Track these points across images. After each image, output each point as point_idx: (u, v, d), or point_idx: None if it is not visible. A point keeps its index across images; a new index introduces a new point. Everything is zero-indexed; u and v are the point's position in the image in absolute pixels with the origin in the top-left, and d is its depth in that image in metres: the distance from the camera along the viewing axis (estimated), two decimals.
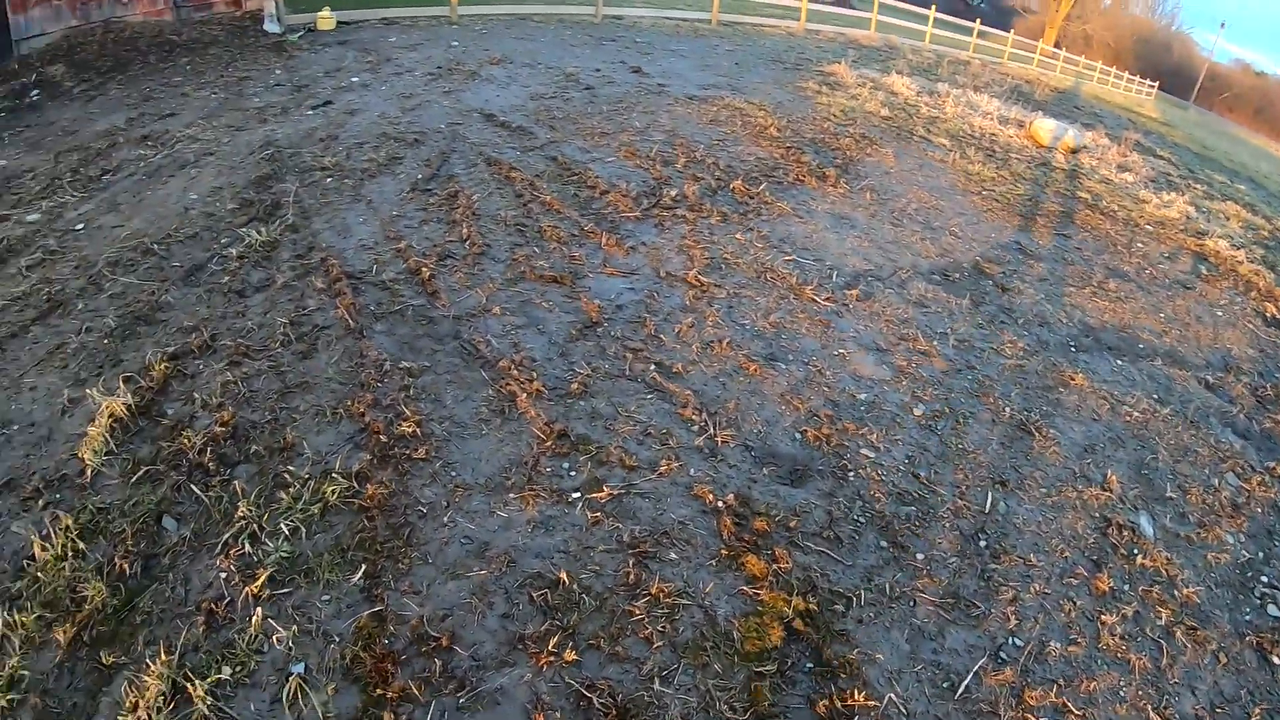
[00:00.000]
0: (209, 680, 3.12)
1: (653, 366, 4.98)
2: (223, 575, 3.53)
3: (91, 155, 8.05)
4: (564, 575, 3.58)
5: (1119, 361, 6.43)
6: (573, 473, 4.14)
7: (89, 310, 5.41)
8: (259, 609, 3.37)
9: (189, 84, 10.20)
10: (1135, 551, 4.54)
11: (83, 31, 12.25)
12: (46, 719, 3.13)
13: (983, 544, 4.29)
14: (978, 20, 30.68)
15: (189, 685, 3.09)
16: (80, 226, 6.59)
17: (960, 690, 3.52)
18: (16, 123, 9.48)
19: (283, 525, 3.71)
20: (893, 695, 3.42)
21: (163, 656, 3.20)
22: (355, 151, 7.70)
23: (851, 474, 4.47)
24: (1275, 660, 4.20)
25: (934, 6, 27.56)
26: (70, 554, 3.68)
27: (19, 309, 5.53)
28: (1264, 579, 4.72)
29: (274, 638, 3.28)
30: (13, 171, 7.89)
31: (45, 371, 4.90)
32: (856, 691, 3.37)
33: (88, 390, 4.61)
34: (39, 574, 3.61)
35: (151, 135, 8.45)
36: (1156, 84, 51.60)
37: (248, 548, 3.63)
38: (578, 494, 4.02)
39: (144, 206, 6.82)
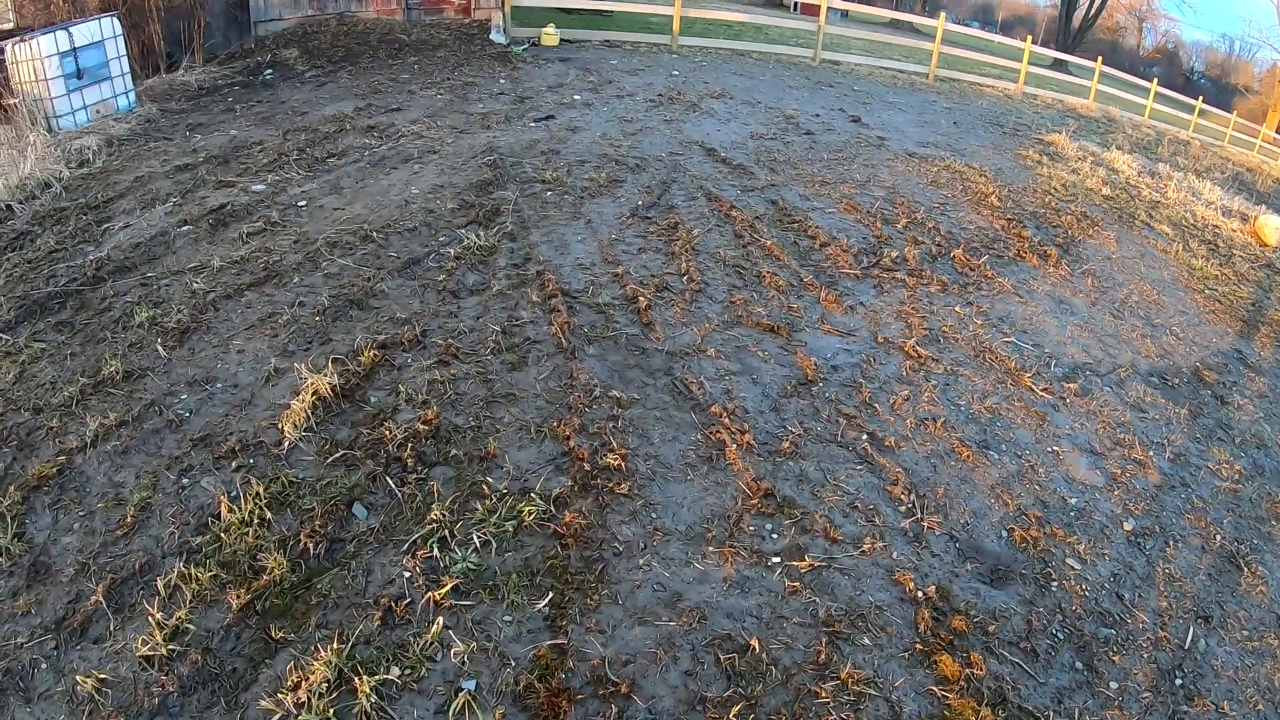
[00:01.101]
0: (376, 677, 3.04)
1: (865, 436, 4.69)
2: (406, 575, 3.46)
3: (319, 138, 8.35)
4: (754, 642, 3.37)
5: None
6: (775, 535, 3.92)
7: (304, 285, 5.51)
8: (439, 617, 3.29)
9: (416, 82, 10.50)
10: None
11: (317, 21, 12.88)
12: (203, 677, 3.11)
13: (1178, 682, 3.82)
14: (1199, 98, 28.29)
15: (355, 678, 3.02)
16: (303, 204, 6.80)
17: None
18: (251, 97, 10.01)
19: (474, 536, 3.62)
20: None
21: (334, 644, 3.15)
22: (576, 169, 7.68)
23: (1055, 584, 4.06)
24: None
25: (1155, 79, 25.56)
26: (256, 521, 3.67)
27: (236, 273, 5.69)
28: None
29: (450, 649, 3.19)
30: (242, 142, 8.28)
31: (254, 338, 5.00)
32: None
33: (295, 364, 4.65)
34: (222, 534, 3.63)
35: (377, 126, 8.71)
36: None
37: (436, 552, 3.56)
38: (778, 559, 3.79)
39: (366, 194, 6.97)
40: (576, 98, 10.24)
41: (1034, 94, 19.70)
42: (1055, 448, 5.05)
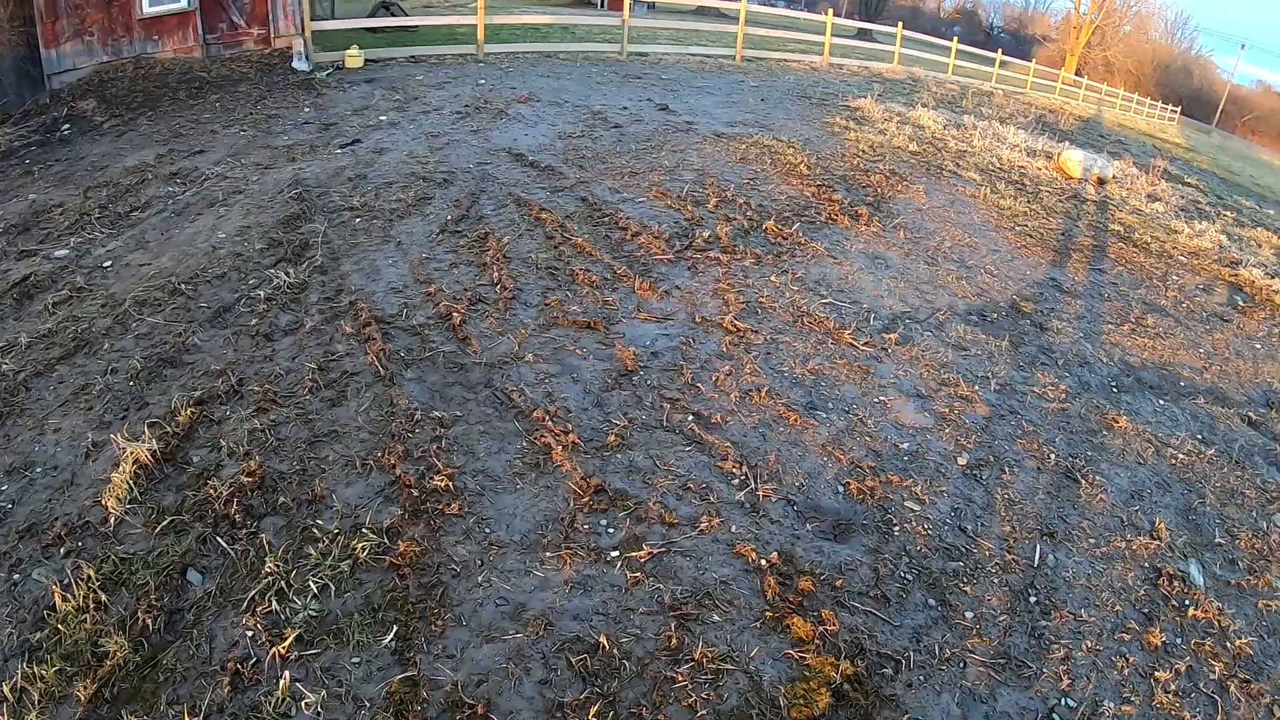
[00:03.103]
0: None
1: (690, 417, 4.85)
2: (249, 634, 3.44)
3: (120, 191, 8.08)
4: (603, 639, 3.45)
5: (1161, 401, 6.23)
6: (610, 530, 4.01)
7: (115, 351, 5.38)
8: (287, 671, 3.27)
9: (218, 121, 10.27)
10: (1186, 602, 4.34)
11: (114, 67, 12.39)
12: None
13: (1032, 600, 4.11)
14: (999, 50, 30.55)
15: None
16: (108, 264, 6.58)
17: None
18: (47, 156, 9.55)
19: (311, 582, 3.62)
20: None
21: (186, 718, 3.09)
22: (384, 191, 7.67)
23: (896, 528, 4.31)
24: None
25: (956, 38, 27.45)
26: (92, 606, 3.59)
27: (45, 347, 5.49)
28: None
29: (302, 702, 3.16)
30: (42, 206, 7.92)
31: (70, 413, 4.85)
32: None
33: (112, 435, 4.54)
34: (60, 625, 3.53)
35: (180, 172, 8.48)
36: (1179, 109, 51.19)
37: (275, 605, 3.54)
38: (616, 552, 3.89)
39: (172, 244, 6.80)
40: (383, 118, 10.20)
41: (840, 64, 20.83)
42: (882, 398, 5.36)
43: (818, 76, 17.84)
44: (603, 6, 27.89)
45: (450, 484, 4.18)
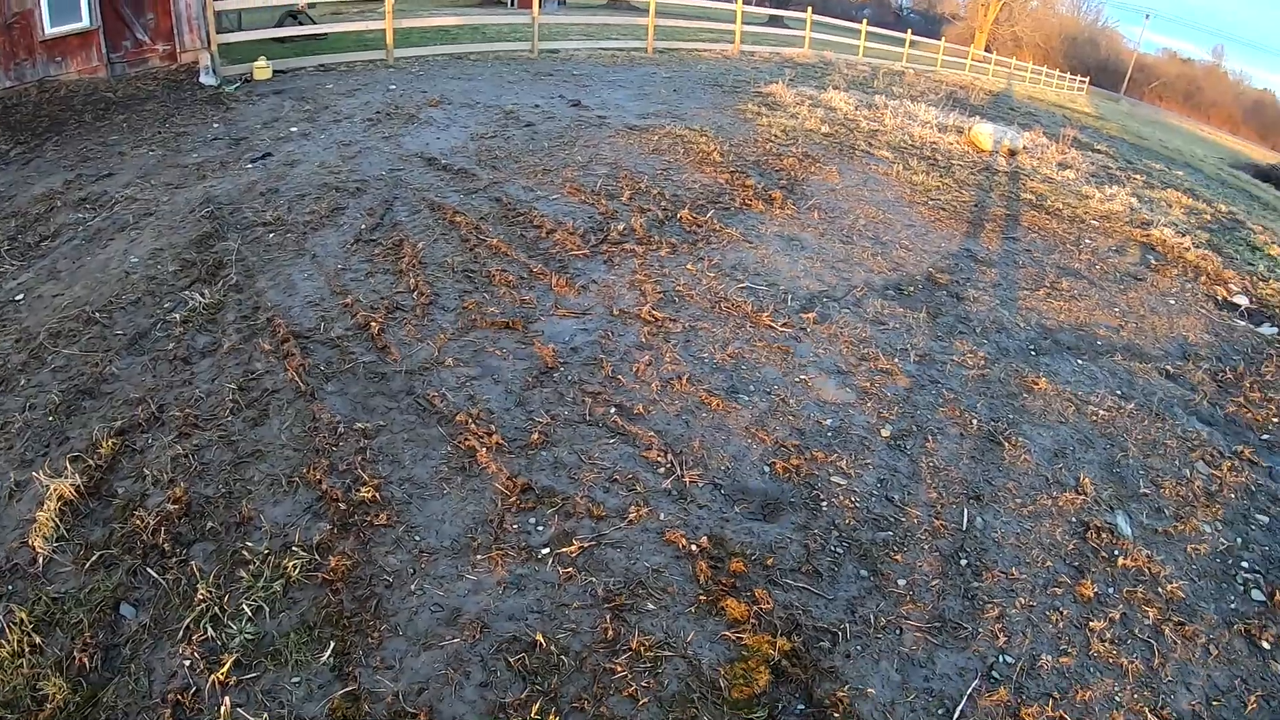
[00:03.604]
0: None
1: (613, 409, 4.89)
2: (186, 663, 3.40)
3: (29, 221, 7.87)
4: (540, 637, 3.48)
5: (1079, 361, 6.44)
6: (540, 528, 4.03)
7: (32, 386, 5.27)
8: (227, 697, 3.24)
9: (126, 142, 10.04)
10: (1116, 553, 4.50)
11: (16, 92, 12.02)
12: None
13: (963, 562, 4.23)
14: (909, 30, 31.19)
15: None
16: (20, 297, 6.43)
17: (956, 716, 3.45)
18: None
19: (245, 605, 3.59)
20: None
21: None
22: (296, 204, 7.58)
23: (824, 503, 4.40)
24: (1265, 645, 4.17)
25: (865, 20, 27.97)
26: (27, 649, 3.53)
27: None
28: (1244, 564, 4.70)
29: None
30: None
31: None
32: None
33: (34, 472, 4.46)
34: None
35: (89, 197, 8.29)
36: (1087, 79, 52.78)
37: (210, 632, 3.51)
38: (547, 550, 3.91)
39: (84, 273, 6.67)
40: (293, 129, 10.04)
41: (752, 51, 21.10)
42: (803, 377, 5.46)
43: (730, 64, 18.04)
44: (513, 5, 27.77)
45: (377, 495, 4.17)
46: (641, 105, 12.12)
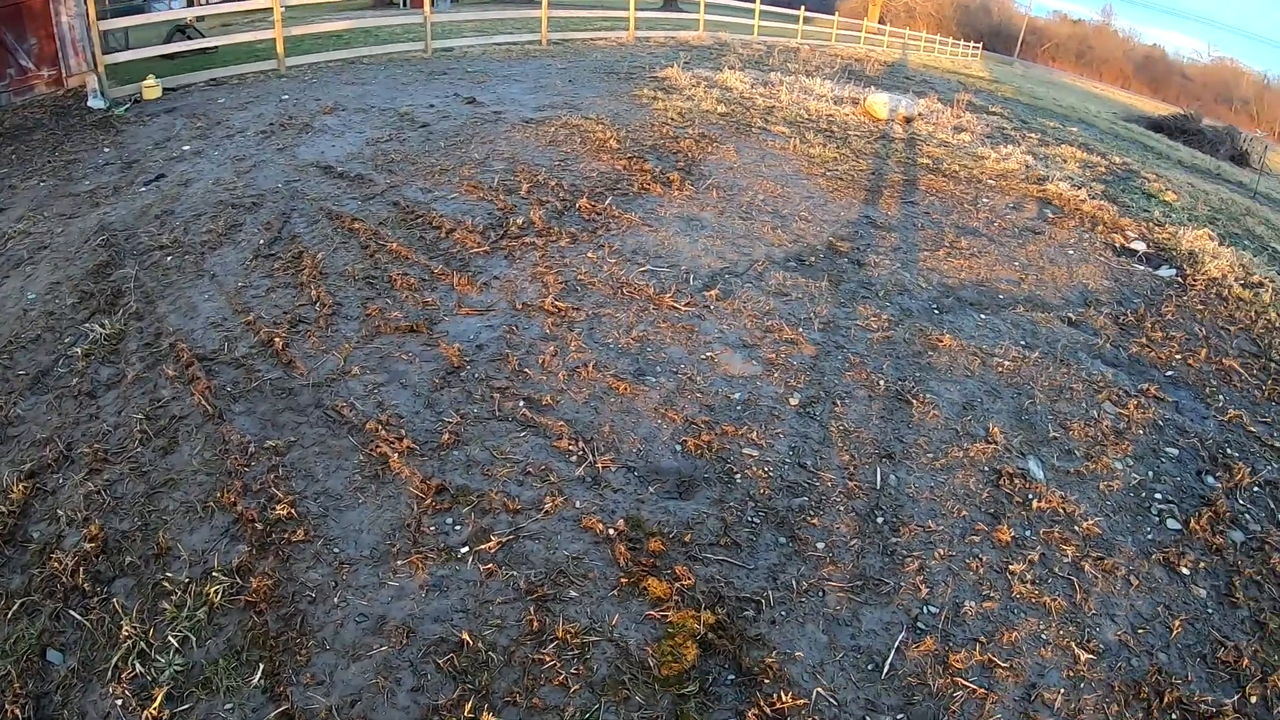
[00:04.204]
0: None
1: (521, 403, 4.91)
2: (119, 702, 3.36)
3: None
4: (467, 635, 3.50)
5: (982, 315, 6.65)
6: (457, 527, 4.05)
7: None
8: None
9: (15, 175, 9.72)
10: (1030, 496, 4.68)
11: None
12: None
13: (880, 520, 4.35)
14: (802, 7, 31.65)
15: None
16: None
17: (886, 669, 3.56)
18: None
19: (171, 637, 3.55)
20: (819, 689, 3.44)
21: None
22: (193, 224, 7.43)
23: (738, 476, 4.49)
24: (1185, 571, 4.38)
25: (759, 0, 28.31)
26: None
27: None
28: (1158, 496, 4.93)
29: None
30: None
31: None
32: (782, 693, 3.37)
33: None
34: None
35: None
36: (980, 45, 54.26)
37: (139, 668, 3.46)
38: (466, 548, 3.93)
39: None
40: (186, 148, 9.80)
41: (647, 37, 21.20)
42: (709, 354, 5.56)
43: (625, 52, 18.12)
44: (405, 5, 27.38)
45: (293, 511, 4.14)
46: (537, 98, 12.12)
